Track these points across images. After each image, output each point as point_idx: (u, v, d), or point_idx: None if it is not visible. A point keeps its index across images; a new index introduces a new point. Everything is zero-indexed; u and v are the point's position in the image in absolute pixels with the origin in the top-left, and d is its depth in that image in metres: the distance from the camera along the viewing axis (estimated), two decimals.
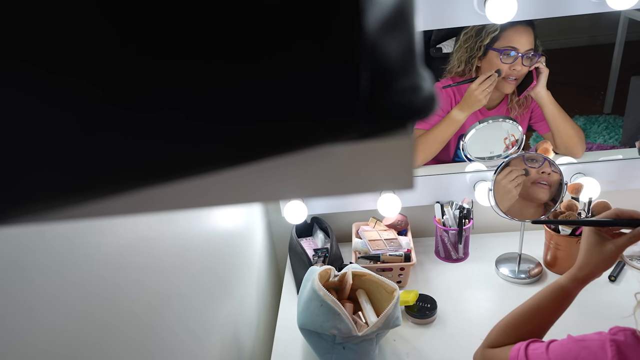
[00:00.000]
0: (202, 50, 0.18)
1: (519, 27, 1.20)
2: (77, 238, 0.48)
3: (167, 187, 0.22)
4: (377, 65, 0.20)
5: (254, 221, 1.33)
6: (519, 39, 1.21)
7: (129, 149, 0.19)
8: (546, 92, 1.27)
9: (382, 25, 0.20)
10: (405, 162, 0.23)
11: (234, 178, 0.23)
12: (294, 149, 0.22)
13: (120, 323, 0.56)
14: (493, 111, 1.35)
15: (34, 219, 0.21)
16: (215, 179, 0.23)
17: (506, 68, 1.23)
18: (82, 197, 0.20)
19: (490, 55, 1.24)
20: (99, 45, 0.17)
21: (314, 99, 0.20)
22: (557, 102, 1.29)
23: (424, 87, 0.23)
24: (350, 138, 0.22)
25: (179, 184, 0.22)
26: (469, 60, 1.26)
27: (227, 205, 0.24)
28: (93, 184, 0.19)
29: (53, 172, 0.19)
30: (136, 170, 0.20)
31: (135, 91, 0.18)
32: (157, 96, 0.19)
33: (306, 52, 0.19)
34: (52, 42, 0.17)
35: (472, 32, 1.23)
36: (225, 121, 0.20)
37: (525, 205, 1.20)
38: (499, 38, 1.22)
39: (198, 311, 0.84)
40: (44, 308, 0.43)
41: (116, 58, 0.17)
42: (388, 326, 1.00)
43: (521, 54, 1.22)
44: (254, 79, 0.19)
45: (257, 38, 0.18)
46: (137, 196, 0.22)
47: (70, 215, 0.22)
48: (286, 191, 0.24)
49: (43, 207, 0.20)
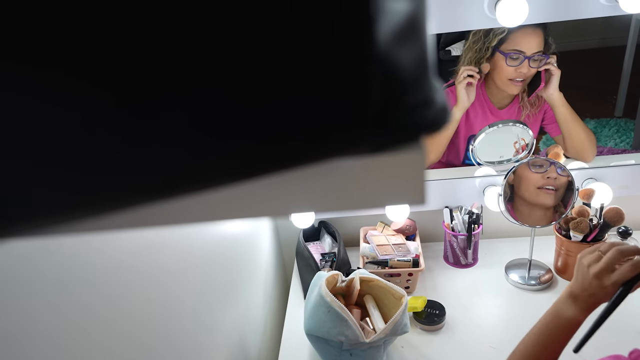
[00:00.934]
0: (210, 62, 0.18)
1: (527, 29, 1.19)
2: (80, 244, 0.48)
3: (172, 202, 0.21)
4: (388, 78, 0.20)
5: (260, 225, 1.32)
6: (526, 41, 1.20)
7: (132, 166, 0.18)
8: (559, 94, 1.25)
9: (393, 36, 0.20)
10: (416, 177, 0.22)
11: (241, 192, 0.23)
12: (303, 163, 0.21)
13: (124, 330, 0.56)
14: (504, 111, 1.34)
15: (34, 234, 0.21)
16: (223, 194, 0.22)
17: (512, 70, 1.22)
18: (84, 212, 0.19)
19: (497, 57, 1.23)
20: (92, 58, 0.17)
21: (323, 112, 0.19)
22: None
23: (436, 100, 0.22)
24: (361, 152, 0.21)
25: (184, 199, 0.21)
26: (477, 62, 1.25)
27: (235, 219, 0.24)
28: (94, 200, 0.19)
29: (54, 187, 0.19)
30: (139, 186, 0.19)
31: (139, 99, 0.18)
32: (160, 108, 0.18)
33: (316, 64, 0.19)
34: (57, 51, 0.17)
35: (481, 34, 1.22)
36: (231, 135, 0.19)
37: (533, 209, 1.19)
38: (506, 40, 1.20)
39: (204, 317, 0.84)
40: (45, 318, 0.43)
41: (119, 67, 0.17)
42: (396, 333, 0.99)
43: (527, 56, 1.20)
44: (262, 91, 0.19)
45: (262, 49, 0.18)
46: (141, 211, 0.22)
47: (72, 230, 0.21)
48: (295, 206, 0.23)
49: (43, 222, 0.20)
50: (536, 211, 1.19)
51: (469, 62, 1.27)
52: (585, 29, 1.40)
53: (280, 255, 1.52)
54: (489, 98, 1.33)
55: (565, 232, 1.21)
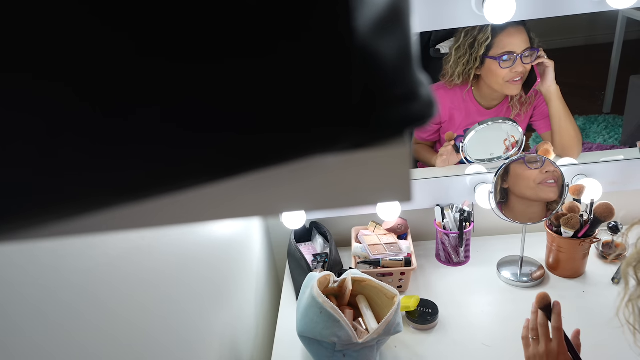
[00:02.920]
0: (184, 56, 0.17)
1: (510, 29, 1.19)
2: (64, 250, 0.46)
3: (150, 203, 0.21)
4: (369, 71, 0.19)
5: (251, 226, 1.31)
6: (512, 41, 1.20)
7: (103, 166, 0.18)
8: (556, 87, 1.25)
9: (374, 26, 0.19)
10: (401, 172, 0.21)
11: (220, 192, 0.22)
12: (283, 159, 0.20)
13: (112, 337, 0.55)
14: (492, 111, 1.34)
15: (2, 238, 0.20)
16: (200, 194, 0.21)
17: (507, 72, 1.22)
18: (52, 216, 0.18)
19: (488, 63, 1.23)
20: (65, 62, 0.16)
21: (303, 106, 0.19)
22: None
23: (421, 93, 0.21)
24: (343, 148, 0.20)
25: (161, 199, 0.20)
26: (467, 72, 1.26)
27: (216, 220, 0.23)
28: (62, 203, 0.18)
29: (22, 190, 0.18)
30: (111, 187, 0.18)
31: (110, 98, 0.17)
32: (131, 106, 0.17)
33: (293, 58, 0.18)
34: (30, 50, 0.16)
35: (466, 47, 1.22)
36: (208, 133, 0.18)
37: (529, 205, 1.19)
38: (493, 45, 1.21)
39: (194, 321, 0.82)
40: (30, 324, 0.42)
41: (93, 69, 0.16)
42: (389, 333, 0.99)
43: (518, 55, 1.20)
44: (239, 87, 0.18)
45: (238, 44, 0.17)
46: (119, 213, 0.21)
47: (44, 235, 0.20)
48: (277, 205, 0.23)
49: (11, 227, 0.19)
50: (533, 207, 1.19)
51: (458, 76, 1.27)
52: (572, 26, 1.41)
53: (271, 257, 1.51)
54: (477, 100, 1.33)
55: (556, 228, 1.21)
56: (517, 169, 1.16)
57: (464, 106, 1.33)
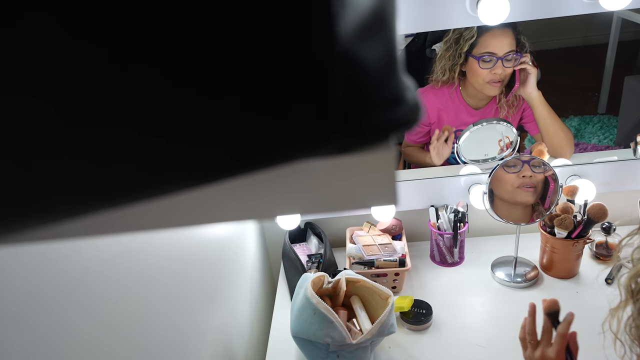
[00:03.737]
0: (159, 59, 0.17)
1: (495, 31, 1.20)
2: (52, 254, 0.46)
3: (133, 208, 0.20)
4: (352, 75, 0.19)
5: (246, 227, 1.31)
6: (496, 43, 1.21)
7: (82, 172, 0.17)
8: (537, 93, 1.27)
9: (358, 31, 0.19)
10: (386, 176, 0.21)
11: (205, 197, 0.22)
12: (268, 164, 0.20)
13: (103, 341, 0.54)
14: (480, 111, 1.34)
15: None
16: (185, 198, 0.21)
17: (487, 73, 1.23)
18: (24, 222, 0.18)
19: (471, 62, 1.24)
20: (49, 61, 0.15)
21: (287, 110, 0.19)
22: (551, 102, 1.29)
23: (406, 97, 0.21)
24: (327, 153, 0.20)
25: (144, 204, 0.20)
26: (452, 68, 1.27)
27: (200, 225, 0.23)
28: (35, 210, 0.18)
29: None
30: (90, 192, 0.18)
31: (88, 105, 0.17)
32: (111, 110, 0.17)
33: (275, 62, 0.18)
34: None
35: (452, 41, 1.23)
36: (187, 136, 0.18)
37: (512, 208, 1.19)
38: (477, 44, 1.22)
39: (188, 322, 0.82)
40: (13, 333, 0.41)
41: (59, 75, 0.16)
42: (383, 333, 0.99)
43: (499, 57, 1.21)
44: (221, 90, 0.18)
45: (217, 45, 0.17)
46: (101, 218, 0.20)
47: (22, 239, 0.20)
48: (262, 209, 0.22)
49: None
50: (516, 209, 1.20)
51: (442, 71, 1.28)
52: (567, 27, 1.41)
53: (266, 257, 1.51)
54: (465, 100, 1.34)
55: (550, 229, 1.21)
56: (498, 171, 1.17)
57: (452, 106, 1.34)
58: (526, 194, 1.16)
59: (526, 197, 1.17)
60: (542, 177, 1.16)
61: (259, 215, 0.22)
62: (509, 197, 1.18)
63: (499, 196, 1.18)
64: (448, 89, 1.32)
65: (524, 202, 1.18)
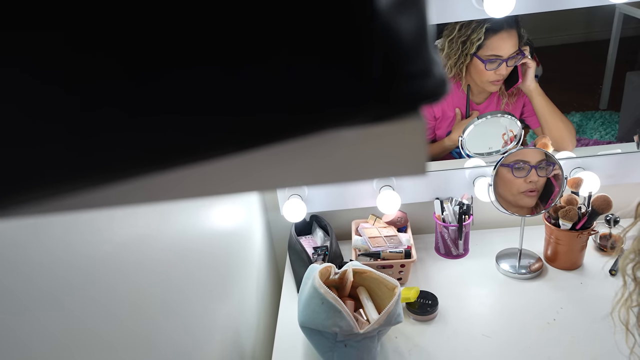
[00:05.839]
0: (200, 36, 0.18)
1: (502, 34, 1.22)
2: (73, 236, 0.47)
3: (168, 175, 0.21)
4: (389, 47, 0.20)
5: (252, 220, 1.32)
6: (502, 46, 1.23)
7: (130, 136, 0.18)
8: (535, 85, 1.29)
9: (394, 4, 0.20)
10: (417, 145, 0.22)
11: (239, 165, 0.23)
12: (302, 133, 0.21)
13: (115, 325, 0.55)
14: (482, 105, 1.36)
15: (29, 209, 0.20)
16: (218, 167, 0.22)
17: (492, 74, 1.26)
18: (78, 184, 0.19)
19: (476, 61, 1.26)
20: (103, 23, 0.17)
21: (322, 80, 0.20)
22: (552, 98, 1.30)
23: (434, 71, 0.22)
24: (361, 121, 0.21)
25: (180, 171, 0.21)
26: (457, 66, 1.29)
27: (236, 193, 0.24)
28: (89, 171, 0.19)
29: (48, 156, 0.19)
30: (137, 156, 0.19)
31: (144, 70, 0.18)
32: (162, 80, 0.18)
33: (313, 31, 0.19)
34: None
35: (459, 43, 1.25)
36: (229, 108, 0.19)
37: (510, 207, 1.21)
38: (483, 46, 1.24)
39: (197, 313, 0.83)
40: (40, 307, 0.42)
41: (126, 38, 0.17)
42: (390, 323, 1.00)
43: (504, 59, 1.23)
44: (258, 59, 0.19)
45: (255, 12, 0.18)
46: (138, 184, 0.21)
47: (66, 206, 0.21)
48: (296, 177, 0.23)
49: (38, 195, 0.19)
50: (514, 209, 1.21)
51: (449, 69, 1.30)
52: (569, 23, 1.41)
53: (272, 250, 1.52)
54: (468, 95, 1.35)
55: (555, 220, 1.22)
56: (504, 172, 1.18)
57: (457, 101, 1.36)
58: (528, 199, 1.19)
59: (528, 202, 1.19)
60: (544, 180, 1.17)
61: (294, 183, 0.23)
62: (512, 200, 1.20)
63: (500, 194, 1.20)
64: (455, 84, 1.34)
65: (525, 206, 1.20)
